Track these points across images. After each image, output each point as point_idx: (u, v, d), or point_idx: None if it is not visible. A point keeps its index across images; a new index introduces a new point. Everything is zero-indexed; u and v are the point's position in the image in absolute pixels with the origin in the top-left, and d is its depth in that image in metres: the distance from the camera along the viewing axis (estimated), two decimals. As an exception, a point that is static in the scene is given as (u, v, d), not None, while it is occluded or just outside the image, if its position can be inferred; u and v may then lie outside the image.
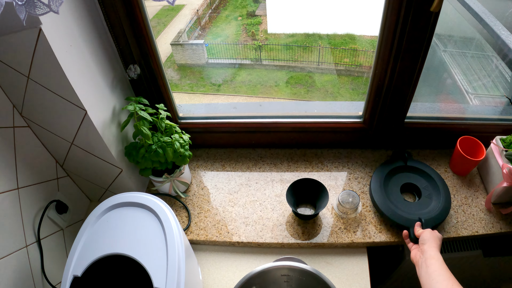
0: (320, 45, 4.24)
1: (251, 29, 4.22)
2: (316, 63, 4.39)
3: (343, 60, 4.37)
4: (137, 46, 1.02)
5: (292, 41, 4.36)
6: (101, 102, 0.98)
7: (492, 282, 1.66)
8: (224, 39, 4.34)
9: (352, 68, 4.33)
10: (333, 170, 1.26)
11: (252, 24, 4.25)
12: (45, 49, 0.79)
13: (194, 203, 1.20)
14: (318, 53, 4.29)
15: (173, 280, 0.77)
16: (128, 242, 0.83)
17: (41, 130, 1.00)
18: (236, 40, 4.30)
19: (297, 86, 4.23)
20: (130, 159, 1.07)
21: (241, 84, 4.23)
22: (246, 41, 4.26)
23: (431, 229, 0.98)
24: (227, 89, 4.31)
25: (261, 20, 4.28)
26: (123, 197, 0.90)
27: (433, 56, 2.00)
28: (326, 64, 4.39)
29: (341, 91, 4.06)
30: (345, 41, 4.24)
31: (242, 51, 4.46)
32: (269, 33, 4.24)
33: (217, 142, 1.34)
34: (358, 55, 4.25)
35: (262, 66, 4.45)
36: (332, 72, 4.42)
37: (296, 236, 1.09)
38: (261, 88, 4.19)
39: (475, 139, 1.22)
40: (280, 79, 4.37)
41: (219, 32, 4.30)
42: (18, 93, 0.90)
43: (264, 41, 4.19)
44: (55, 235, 1.09)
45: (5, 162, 0.91)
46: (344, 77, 4.48)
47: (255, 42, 4.19)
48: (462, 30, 1.95)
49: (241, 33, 4.30)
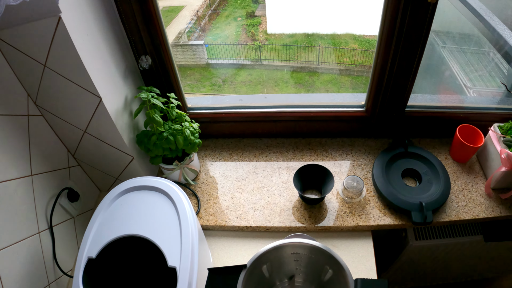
0: (320, 45, 4.26)
1: (251, 30, 4.24)
2: (316, 63, 4.41)
3: (343, 60, 4.39)
4: (149, 37, 1.06)
5: (291, 41, 4.38)
6: (114, 90, 1.02)
7: (493, 271, 1.69)
8: (224, 40, 4.36)
9: (352, 68, 4.36)
10: (337, 158, 1.30)
11: (251, 24, 4.27)
12: (64, 37, 0.82)
13: (203, 190, 1.24)
14: (317, 53, 4.32)
15: (187, 259, 0.79)
16: (142, 224, 0.85)
17: (54, 118, 1.03)
18: (236, 40, 4.32)
19: (297, 86, 4.26)
20: (141, 146, 1.10)
21: (242, 84, 4.25)
22: (246, 41, 4.29)
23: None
24: (228, 90, 4.33)
25: (260, 21, 4.30)
26: (137, 181, 0.92)
27: (432, 52, 2.03)
28: (326, 64, 4.41)
29: (341, 90, 4.10)
30: (344, 40, 4.27)
31: (242, 52, 4.47)
32: (268, 33, 4.26)
33: (224, 132, 1.38)
34: (358, 55, 4.28)
35: (262, 66, 4.47)
36: (332, 71, 4.44)
37: (303, 220, 1.13)
38: (261, 88, 4.22)
39: (474, 127, 1.26)
40: (280, 79, 4.39)
41: (219, 33, 4.31)
42: (34, 82, 0.93)
43: (264, 42, 4.21)
44: (66, 223, 1.12)
45: (20, 149, 0.94)
46: (344, 77, 4.50)
47: (255, 43, 4.21)
48: (460, 27, 1.99)
49: (241, 34, 4.32)
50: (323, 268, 0.90)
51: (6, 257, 0.87)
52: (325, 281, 0.92)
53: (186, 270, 0.78)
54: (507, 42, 1.54)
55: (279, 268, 0.94)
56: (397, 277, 1.60)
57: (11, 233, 0.89)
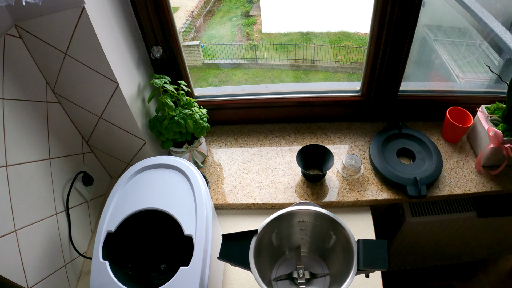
0: (315, 43, 4.33)
1: (246, 29, 4.30)
2: (311, 61, 4.47)
3: (337, 58, 4.45)
4: (160, 28, 1.14)
5: (286, 40, 4.43)
6: (129, 77, 1.09)
7: (488, 251, 1.77)
8: (219, 40, 4.41)
9: (347, 65, 4.42)
10: (336, 140, 1.39)
11: (246, 24, 4.32)
12: (86, 27, 0.89)
13: (211, 172, 1.31)
14: (313, 51, 4.38)
15: (202, 228, 0.84)
16: (158, 198, 0.90)
17: (71, 106, 1.09)
18: (231, 40, 4.37)
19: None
20: (154, 131, 1.17)
21: (238, 84, 4.29)
22: (241, 41, 4.34)
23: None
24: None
25: (255, 20, 4.36)
26: (152, 160, 0.97)
27: (424, 45, 2.12)
28: (321, 62, 4.47)
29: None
30: (339, 38, 4.33)
31: (237, 51, 4.52)
32: (263, 33, 4.32)
33: (229, 118, 1.46)
34: (353, 52, 4.34)
35: (258, 66, 4.52)
36: (327, 69, 4.50)
37: (306, 197, 1.21)
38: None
39: (463, 109, 1.34)
40: (276, 77, 4.44)
41: (214, 33, 4.36)
42: (53, 70, 0.99)
43: (259, 41, 4.27)
44: (81, 207, 1.17)
45: (40, 134, 0.99)
46: (339, 74, 4.56)
47: (250, 42, 4.27)
48: (451, 20, 2.07)
49: (236, 34, 4.37)
50: (327, 234, 0.97)
51: (26, 236, 0.90)
52: (329, 248, 1.00)
53: (202, 238, 0.83)
54: (495, 32, 1.63)
55: (286, 237, 1.01)
56: (395, 258, 1.67)
57: (31, 213, 0.93)
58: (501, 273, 1.92)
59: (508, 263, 1.95)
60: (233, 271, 1.10)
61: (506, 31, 1.60)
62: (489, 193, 1.24)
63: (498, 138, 1.18)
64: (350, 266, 0.85)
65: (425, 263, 1.78)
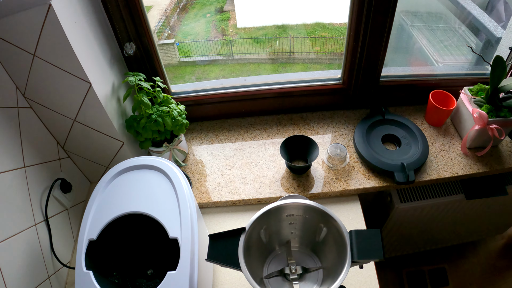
0: (290, 36, 4.31)
1: (221, 25, 4.25)
2: (287, 54, 4.45)
3: (314, 49, 4.45)
4: (132, 24, 1.09)
5: (262, 34, 4.40)
6: (102, 77, 1.04)
7: (478, 233, 1.78)
8: (194, 37, 4.35)
9: (324, 56, 4.41)
10: (319, 130, 1.36)
11: (221, 20, 4.27)
12: (54, 25, 0.83)
13: (193, 170, 1.27)
14: (289, 44, 4.36)
15: (188, 229, 0.81)
16: (140, 201, 0.86)
17: (43, 110, 1.04)
18: (207, 37, 4.32)
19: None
20: (131, 131, 1.12)
21: (215, 80, 4.23)
22: (217, 37, 4.29)
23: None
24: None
25: (229, 16, 4.31)
26: (131, 161, 0.93)
27: (401, 32, 2.11)
28: (298, 54, 4.45)
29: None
30: (314, 30, 4.32)
31: (213, 48, 4.48)
32: (238, 28, 4.27)
33: (209, 113, 1.41)
34: (329, 43, 4.34)
35: (235, 61, 4.48)
36: (304, 61, 4.49)
37: (292, 190, 1.18)
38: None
39: (445, 92, 1.33)
40: (253, 71, 4.41)
41: (189, 31, 4.30)
42: (22, 73, 0.94)
43: (235, 36, 4.23)
44: (61, 215, 1.12)
45: (13, 141, 0.94)
46: (316, 65, 4.56)
47: (225, 38, 4.22)
48: (427, 5, 2.07)
49: (211, 30, 4.31)
50: (317, 227, 0.94)
51: (5, 251, 0.86)
52: (320, 241, 0.97)
53: (188, 240, 0.79)
54: (473, 15, 1.63)
55: (275, 233, 0.98)
56: (385, 245, 1.66)
57: (8, 226, 0.89)
58: (490, 253, 1.93)
59: (497, 243, 1.97)
60: (222, 271, 1.07)
61: (483, 13, 1.60)
62: (476, 174, 1.23)
63: (483, 119, 1.17)
64: (344, 259, 0.82)
65: (415, 249, 1.78)
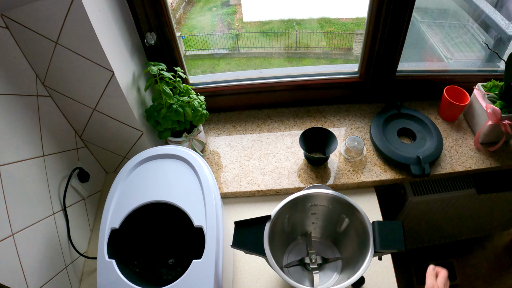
0: (297, 30, 4.30)
1: (227, 19, 4.24)
2: (293, 48, 4.44)
3: (320, 44, 4.43)
4: (154, 14, 1.09)
5: (268, 28, 4.39)
6: (124, 66, 1.04)
7: (488, 227, 1.79)
8: (200, 31, 4.33)
9: (330, 51, 4.40)
10: (335, 123, 1.37)
11: (227, 13, 4.26)
12: (79, 12, 0.83)
13: (211, 161, 1.28)
14: (295, 38, 4.35)
15: (213, 217, 0.80)
16: (163, 190, 0.85)
17: (62, 99, 1.04)
18: (212, 31, 4.31)
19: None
20: (151, 121, 1.13)
21: (231, 72, 4.23)
22: (223, 31, 4.28)
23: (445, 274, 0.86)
24: (208, 80, 4.28)
25: (236, 9, 4.30)
26: (153, 151, 0.92)
27: (411, 27, 2.12)
28: (304, 49, 4.44)
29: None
30: (321, 24, 4.31)
31: (219, 41, 4.46)
32: (244, 22, 4.26)
33: (226, 105, 1.43)
34: (335, 38, 4.33)
35: (240, 55, 4.48)
36: (310, 56, 4.48)
37: (310, 181, 1.19)
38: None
39: (459, 88, 1.34)
40: (259, 66, 4.40)
41: (195, 24, 4.29)
42: (43, 61, 0.93)
43: (241, 30, 4.22)
44: (78, 205, 1.12)
45: (32, 130, 0.94)
46: (322, 60, 4.54)
47: (231, 31, 4.22)
48: (438, 2, 2.07)
49: (216, 24, 4.30)
50: (339, 218, 0.96)
51: (24, 240, 0.86)
52: (340, 232, 0.98)
53: (213, 228, 0.79)
54: (485, 13, 1.63)
55: (297, 222, 1.00)
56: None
57: (27, 214, 0.89)
58: (496, 248, 1.95)
59: (503, 238, 1.99)
60: (241, 260, 1.08)
61: (495, 10, 1.61)
62: (488, 169, 1.25)
63: (497, 115, 1.19)
64: (366, 249, 0.84)
65: (424, 243, 1.80)
